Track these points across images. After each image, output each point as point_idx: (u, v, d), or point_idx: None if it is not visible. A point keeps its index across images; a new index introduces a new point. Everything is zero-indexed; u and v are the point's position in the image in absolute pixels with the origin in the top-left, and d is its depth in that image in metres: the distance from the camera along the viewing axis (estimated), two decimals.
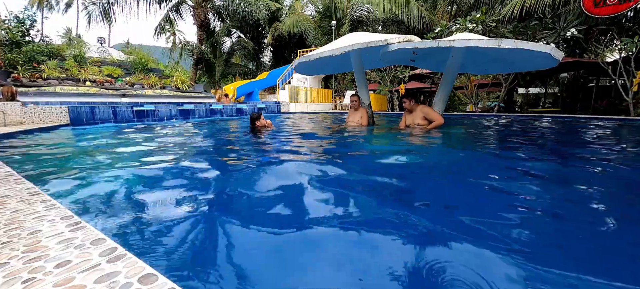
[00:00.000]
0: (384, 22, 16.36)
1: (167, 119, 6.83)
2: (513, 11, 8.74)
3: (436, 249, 1.02)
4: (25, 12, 12.20)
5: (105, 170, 2.15)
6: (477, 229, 1.17)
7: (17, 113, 4.74)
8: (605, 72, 8.67)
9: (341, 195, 1.63)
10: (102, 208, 1.41)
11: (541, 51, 3.59)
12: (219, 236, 1.13)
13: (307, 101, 13.29)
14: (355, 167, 2.35)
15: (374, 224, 1.23)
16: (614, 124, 5.83)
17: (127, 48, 20.04)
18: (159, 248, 1.01)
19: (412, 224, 1.22)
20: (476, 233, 1.13)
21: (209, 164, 2.49)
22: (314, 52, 4.81)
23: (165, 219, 1.27)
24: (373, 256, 0.98)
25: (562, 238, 1.13)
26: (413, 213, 1.34)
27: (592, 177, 2.07)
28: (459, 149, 3.21)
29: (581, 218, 1.32)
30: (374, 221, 1.26)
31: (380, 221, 1.26)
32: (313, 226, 1.21)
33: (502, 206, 1.44)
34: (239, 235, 1.14)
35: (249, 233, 1.16)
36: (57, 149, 3.17)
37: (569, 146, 3.61)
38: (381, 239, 1.09)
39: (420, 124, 4.47)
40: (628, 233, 1.18)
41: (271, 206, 1.45)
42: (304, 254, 1.00)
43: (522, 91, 19.42)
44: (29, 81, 10.43)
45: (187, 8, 19.49)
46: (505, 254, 0.96)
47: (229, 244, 1.06)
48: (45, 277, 0.62)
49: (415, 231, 1.15)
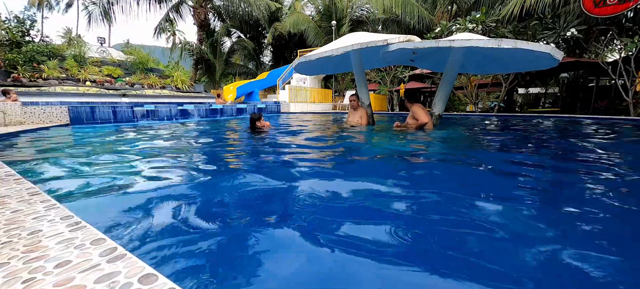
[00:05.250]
0: (384, 22, 16.35)
1: (167, 119, 6.83)
2: (513, 11, 8.73)
3: (437, 249, 1.02)
4: (25, 12, 12.20)
5: (105, 170, 2.15)
6: (478, 229, 1.17)
7: (17, 113, 4.74)
8: (605, 72, 8.66)
9: (341, 195, 1.63)
10: (102, 208, 1.41)
11: (541, 51, 3.59)
12: (219, 236, 1.13)
13: (307, 101, 13.28)
14: (356, 167, 2.35)
15: (374, 224, 1.23)
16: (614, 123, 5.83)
17: (127, 48, 20.03)
18: (159, 248, 1.01)
19: (412, 225, 1.22)
20: (476, 233, 1.13)
21: (209, 164, 2.49)
22: (314, 52, 4.81)
23: (165, 219, 1.27)
24: (373, 256, 0.98)
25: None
26: (413, 213, 1.34)
27: (585, 178, 2.07)
28: (458, 148, 3.21)
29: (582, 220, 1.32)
30: (373, 220, 1.26)
31: (380, 220, 1.26)
32: (313, 226, 1.21)
33: (500, 206, 1.44)
34: (239, 235, 1.14)
35: (249, 233, 1.16)
36: (57, 149, 3.17)
37: (568, 145, 3.62)
38: (381, 239, 1.09)
39: (410, 123, 4.50)
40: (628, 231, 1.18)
41: (270, 207, 1.45)
42: (304, 254, 1.00)
43: (522, 91, 19.41)
44: (29, 81, 10.43)
45: (187, 8, 19.49)
46: (504, 251, 0.97)
47: (228, 245, 1.06)
48: (45, 277, 0.62)
49: (416, 231, 1.15)
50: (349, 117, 5.43)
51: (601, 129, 5.01)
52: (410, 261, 0.95)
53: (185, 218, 1.28)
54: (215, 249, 1.03)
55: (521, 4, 8.57)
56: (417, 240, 1.09)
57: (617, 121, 6.34)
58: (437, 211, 1.39)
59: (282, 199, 1.56)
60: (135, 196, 1.57)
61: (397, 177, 2.07)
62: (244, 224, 1.24)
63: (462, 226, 1.20)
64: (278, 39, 20.59)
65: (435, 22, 13.24)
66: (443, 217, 1.31)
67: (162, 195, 1.58)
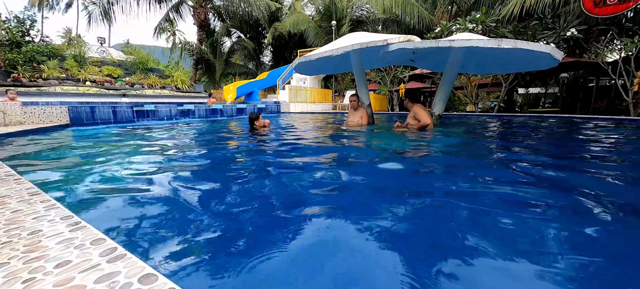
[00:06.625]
0: (384, 22, 16.35)
1: (167, 119, 6.83)
2: (513, 11, 8.73)
3: (436, 250, 1.02)
4: (25, 12, 12.20)
5: (105, 170, 2.15)
6: (476, 230, 1.17)
7: (17, 113, 4.74)
8: (605, 72, 8.66)
9: (341, 195, 1.63)
10: (102, 208, 1.41)
11: (541, 51, 3.59)
12: (219, 236, 1.13)
13: (307, 101, 13.28)
14: (356, 168, 2.35)
15: (373, 222, 1.22)
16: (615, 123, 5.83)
17: (127, 48, 20.04)
18: (159, 248, 1.01)
19: (411, 225, 1.22)
20: (475, 234, 1.13)
21: (208, 164, 2.49)
22: (314, 52, 4.81)
23: (165, 219, 1.27)
24: (372, 256, 0.98)
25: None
26: (412, 214, 1.34)
27: (589, 175, 2.07)
28: (457, 149, 3.21)
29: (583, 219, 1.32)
30: (373, 219, 1.26)
31: (379, 219, 1.26)
32: (312, 226, 1.21)
33: (498, 207, 1.44)
34: (239, 235, 1.14)
35: (248, 233, 1.16)
36: (57, 149, 3.17)
37: (568, 144, 3.62)
38: (379, 238, 1.09)
39: (411, 123, 4.50)
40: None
41: (270, 207, 1.46)
42: (304, 254, 1.00)
43: (522, 91, 19.41)
44: (29, 81, 10.43)
45: (187, 8, 19.48)
46: (502, 248, 0.97)
47: (228, 245, 1.06)
48: (45, 277, 0.62)
49: (418, 231, 1.15)
50: (349, 117, 5.43)
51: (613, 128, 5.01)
52: (411, 260, 0.95)
53: (185, 218, 1.28)
54: (215, 249, 1.03)
55: (521, 4, 8.57)
56: (419, 241, 1.09)
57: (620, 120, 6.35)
58: (438, 210, 1.39)
59: (282, 200, 1.56)
60: (135, 196, 1.57)
61: (398, 177, 2.07)
62: (244, 224, 1.24)
63: (465, 225, 1.20)
64: (278, 39, 20.58)
65: (435, 22, 13.24)
66: (446, 217, 1.31)
67: (162, 195, 1.58)
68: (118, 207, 1.42)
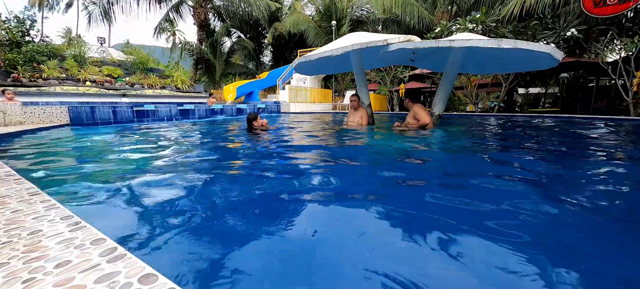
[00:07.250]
0: (384, 22, 16.35)
1: (167, 119, 6.83)
2: (513, 11, 8.73)
3: (437, 250, 1.02)
4: (25, 12, 12.20)
5: (105, 170, 2.15)
6: (476, 230, 1.17)
7: (17, 113, 4.74)
8: (605, 72, 8.66)
9: (341, 195, 1.63)
10: (102, 208, 1.41)
11: (541, 51, 3.59)
12: (219, 236, 1.13)
13: (307, 101, 13.28)
14: (356, 168, 2.35)
15: (372, 222, 1.23)
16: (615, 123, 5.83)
17: (127, 48, 20.05)
18: (158, 248, 1.01)
19: (411, 225, 1.22)
20: (474, 234, 1.13)
21: (208, 164, 2.49)
22: (314, 52, 4.81)
23: (165, 219, 1.27)
24: (372, 255, 0.98)
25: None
26: (412, 213, 1.34)
27: (584, 175, 2.07)
28: (456, 148, 3.21)
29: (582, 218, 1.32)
30: (374, 220, 1.26)
31: (381, 220, 1.26)
32: (312, 226, 1.21)
33: (498, 206, 1.44)
34: (239, 235, 1.14)
35: (248, 233, 1.16)
36: (57, 149, 3.17)
37: (568, 145, 3.62)
38: (378, 237, 1.09)
39: (411, 123, 4.50)
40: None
41: (269, 207, 1.45)
42: (303, 255, 1.00)
43: (522, 91, 19.41)
44: (29, 81, 10.43)
45: (187, 8, 19.48)
46: (502, 246, 0.97)
47: (228, 245, 1.06)
48: (45, 277, 0.62)
49: (415, 232, 1.15)
50: (349, 117, 5.43)
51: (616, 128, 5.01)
52: (410, 261, 0.95)
53: (185, 218, 1.28)
54: (215, 248, 1.03)
55: (521, 4, 8.57)
56: (419, 240, 1.09)
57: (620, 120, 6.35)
58: (437, 209, 1.39)
59: (281, 200, 1.56)
60: (135, 196, 1.57)
61: (398, 177, 2.07)
62: (244, 224, 1.24)
63: (465, 224, 1.20)
64: (278, 39, 20.58)
65: (435, 22, 13.24)
66: (446, 215, 1.31)
67: (161, 195, 1.58)
68: (118, 207, 1.42)
